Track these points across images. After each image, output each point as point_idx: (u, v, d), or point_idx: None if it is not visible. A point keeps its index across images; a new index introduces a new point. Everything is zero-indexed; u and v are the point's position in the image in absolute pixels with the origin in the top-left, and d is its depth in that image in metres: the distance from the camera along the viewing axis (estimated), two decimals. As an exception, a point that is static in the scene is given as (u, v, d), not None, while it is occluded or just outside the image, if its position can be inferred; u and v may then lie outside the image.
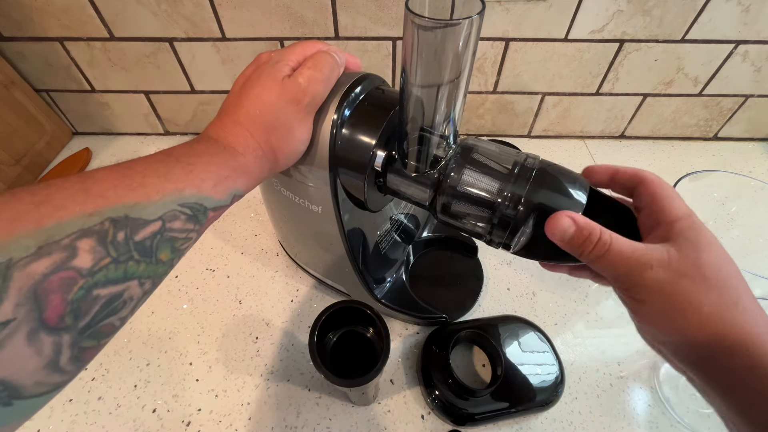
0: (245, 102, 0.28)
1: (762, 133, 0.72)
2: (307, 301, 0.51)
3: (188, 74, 0.63)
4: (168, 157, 0.24)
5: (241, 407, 0.42)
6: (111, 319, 0.20)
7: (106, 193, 0.20)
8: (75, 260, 0.18)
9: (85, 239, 0.18)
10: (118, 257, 0.19)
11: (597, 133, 0.72)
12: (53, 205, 0.18)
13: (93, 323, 0.19)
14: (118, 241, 0.20)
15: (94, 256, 0.19)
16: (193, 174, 0.24)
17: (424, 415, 0.42)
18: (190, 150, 0.25)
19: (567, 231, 0.25)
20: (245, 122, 0.28)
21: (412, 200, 0.33)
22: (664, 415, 0.42)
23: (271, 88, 0.28)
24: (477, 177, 0.28)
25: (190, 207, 0.23)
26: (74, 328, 0.18)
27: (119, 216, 0.20)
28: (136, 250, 0.20)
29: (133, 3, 0.55)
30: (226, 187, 0.26)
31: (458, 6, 0.24)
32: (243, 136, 0.27)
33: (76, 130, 0.73)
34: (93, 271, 0.19)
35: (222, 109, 0.30)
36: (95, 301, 0.19)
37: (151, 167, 0.23)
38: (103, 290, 0.19)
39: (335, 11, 0.55)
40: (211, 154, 0.26)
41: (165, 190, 0.22)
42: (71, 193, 0.19)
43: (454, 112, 0.28)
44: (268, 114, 0.28)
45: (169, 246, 0.22)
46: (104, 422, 0.41)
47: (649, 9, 0.55)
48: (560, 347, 0.46)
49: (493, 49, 0.59)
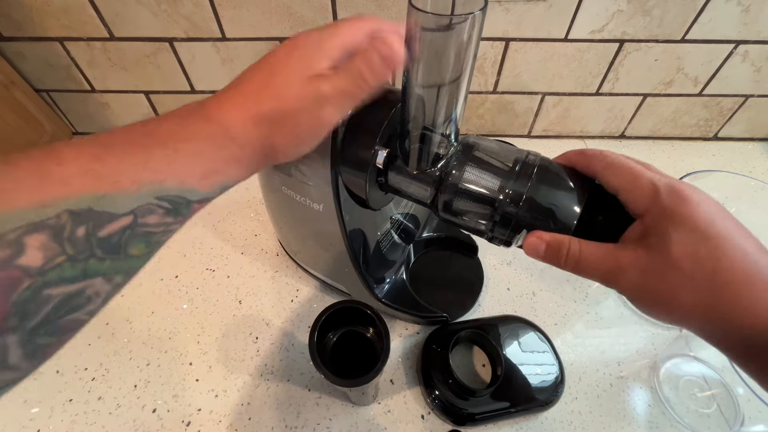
0: (263, 89, 0.25)
1: (762, 133, 0.72)
2: (307, 301, 0.51)
3: (188, 74, 0.63)
4: (150, 139, 0.20)
5: (241, 407, 0.42)
6: (74, 315, 0.18)
7: (69, 180, 0.17)
8: (21, 258, 0.16)
9: (35, 234, 0.16)
10: (75, 255, 0.17)
11: (597, 133, 0.72)
12: (1, 189, 0.16)
13: (47, 322, 0.17)
14: (77, 237, 0.17)
15: (45, 253, 0.16)
16: (178, 163, 0.20)
17: (424, 415, 0.42)
18: (180, 130, 0.22)
19: (539, 249, 0.26)
20: (255, 111, 0.24)
21: (414, 198, 0.33)
22: (664, 415, 0.42)
23: (295, 85, 0.24)
24: (478, 174, 0.28)
25: (169, 200, 0.20)
26: (21, 328, 0.16)
27: (81, 208, 0.17)
28: (99, 247, 0.18)
29: (133, 3, 0.54)
30: (215, 181, 0.23)
31: (458, 6, 0.24)
32: (246, 126, 0.24)
33: (76, 130, 0.73)
34: (43, 270, 0.16)
35: (237, 82, 0.25)
36: (47, 301, 0.17)
37: (129, 150, 0.19)
38: (56, 289, 0.17)
39: (335, 11, 0.55)
40: (203, 139, 0.22)
41: (141, 179, 0.19)
42: (26, 176, 0.17)
43: (456, 110, 0.28)
44: (282, 112, 0.24)
45: (142, 240, 0.20)
46: (104, 422, 0.41)
47: (649, 9, 0.55)
48: (560, 347, 0.46)
49: (493, 49, 0.59)
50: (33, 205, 0.16)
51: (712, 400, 0.42)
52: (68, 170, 0.18)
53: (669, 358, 0.45)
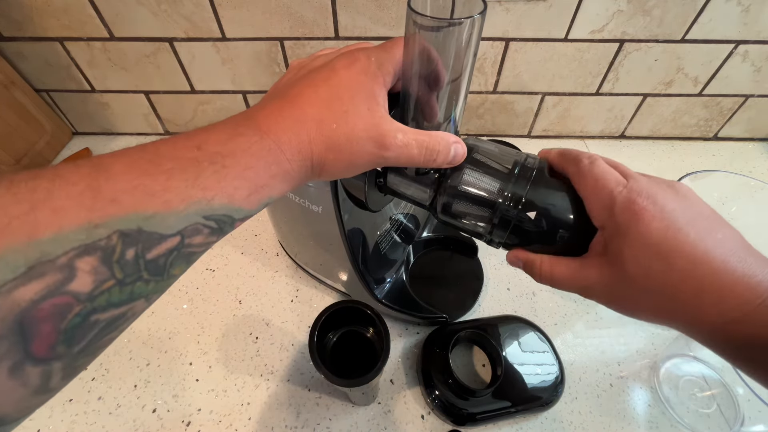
0: (327, 110, 0.23)
1: (762, 133, 0.72)
2: (307, 301, 0.51)
3: (188, 74, 0.63)
4: (200, 153, 0.19)
5: (241, 407, 0.42)
6: (112, 335, 0.18)
7: (120, 197, 0.16)
8: (72, 284, 0.15)
9: (86, 257, 0.15)
10: (124, 279, 0.16)
11: (597, 133, 0.72)
12: (53, 207, 0.15)
13: (90, 345, 0.16)
14: (126, 260, 0.16)
15: (95, 278, 0.15)
16: (227, 180, 0.19)
17: (424, 415, 0.42)
18: (229, 145, 0.20)
19: (518, 265, 0.29)
20: (311, 127, 0.23)
21: (413, 200, 0.33)
22: (664, 415, 0.42)
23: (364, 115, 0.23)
24: (477, 177, 0.28)
25: (216, 219, 0.19)
26: (68, 355, 0.16)
27: (131, 229, 0.16)
28: (146, 269, 0.17)
29: (133, 3, 0.54)
30: (262, 196, 0.21)
31: (459, 6, 0.24)
32: (299, 140, 0.22)
33: (76, 130, 0.73)
34: (93, 296, 0.15)
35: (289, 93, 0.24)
36: (93, 326, 0.16)
37: (179, 165, 0.18)
38: (103, 315, 0.16)
39: (335, 11, 0.55)
40: (253, 155, 0.21)
41: (191, 198, 0.18)
42: (77, 193, 0.16)
43: (455, 112, 0.28)
44: (343, 136, 0.23)
45: (185, 261, 0.19)
46: (104, 422, 0.41)
47: (649, 9, 0.55)
48: (560, 347, 0.46)
49: (493, 49, 0.59)
50: (86, 224, 0.15)
51: (712, 400, 0.42)
52: (118, 185, 0.16)
53: (669, 358, 0.45)
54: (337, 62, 0.24)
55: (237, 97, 0.67)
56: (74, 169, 0.16)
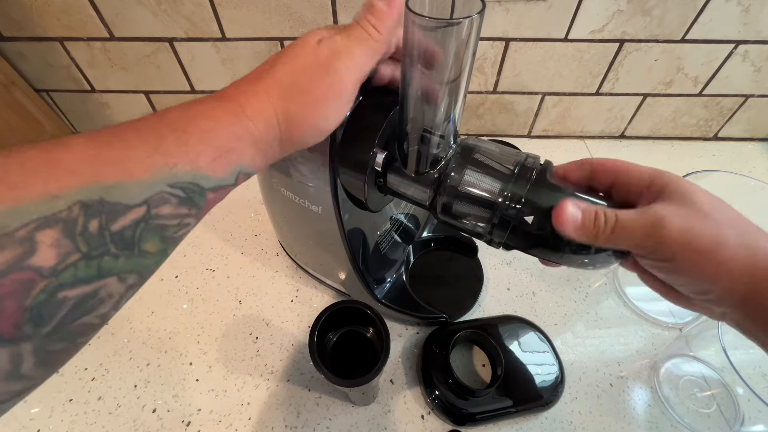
0: (277, 64, 0.24)
1: (762, 133, 0.72)
2: (307, 301, 0.51)
3: (188, 74, 0.63)
4: (160, 122, 0.19)
5: (241, 407, 0.42)
6: (87, 319, 0.17)
7: (79, 168, 0.16)
8: (33, 257, 0.14)
9: (48, 230, 0.15)
10: (89, 252, 0.16)
11: (597, 133, 0.72)
12: (8, 182, 0.14)
13: (61, 326, 0.16)
14: (90, 233, 0.16)
15: (58, 251, 0.15)
16: (189, 146, 0.19)
17: (424, 415, 0.42)
18: (188, 112, 0.20)
19: (576, 218, 0.24)
20: (266, 81, 0.23)
21: (413, 200, 0.33)
22: (664, 415, 0.42)
23: (309, 51, 0.24)
24: (478, 177, 0.28)
25: (182, 188, 0.19)
26: (36, 335, 0.15)
27: (92, 199, 0.16)
28: (113, 242, 0.16)
29: (133, 3, 0.54)
30: (229, 162, 0.21)
31: (458, 5, 0.24)
32: (258, 98, 0.23)
33: (76, 130, 0.73)
34: (57, 270, 0.15)
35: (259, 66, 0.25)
36: (62, 304, 0.15)
37: (140, 135, 0.18)
38: (71, 291, 0.16)
39: (335, 11, 0.55)
40: (213, 118, 0.21)
41: (153, 166, 0.18)
42: (34, 166, 0.15)
43: (455, 112, 0.28)
44: (293, 75, 0.23)
45: (157, 235, 0.18)
46: (104, 422, 0.41)
47: (649, 9, 0.55)
48: (560, 347, 0.46)
49: (493, 49, 0.59)
50: (44, 196, 0.15)
51: (712, 400, 0.42)
52: (77, 156, 0.16)
53: (669, 358, 0.45)
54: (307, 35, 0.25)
55: (237, 97, 0.67)
56: (31, 146, 0.16)
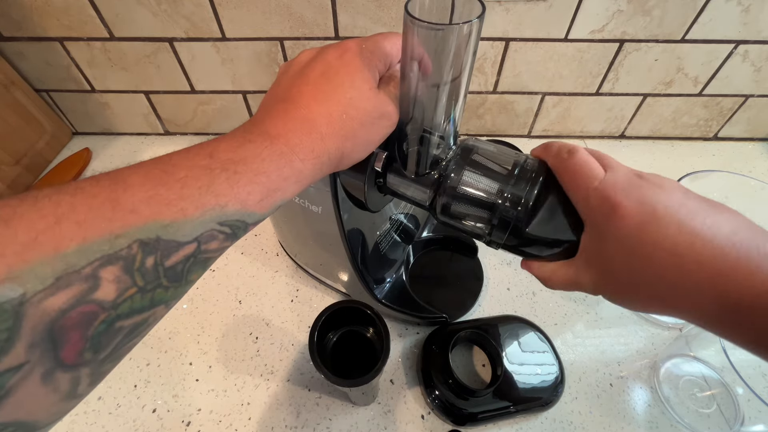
0: (327, 98, 0.23)
1: (762, 133, 0.72)
2: (307, 301, 0.51)
3: (188, 74, 0.63)
4: (212, 161, 0.20)
5: (241, 407, 0.42)
6: (135, 341, 0.19)
7: (138, 207, 0.17)
8: (97, 292, 0.16)
9: (110, 267, 0.16)
10: (145, 286, 0.17)
11: (597, 133, 0.72)
12: (76, 220, 0.16)
13: (115, 350, 0.17)
14: (146, 269, 0.17)
15: (118, 286, 0.16)
16: (239, 186, 0.20)
17: (424, 415, 0.42)
18: (240, 151, 0.21)
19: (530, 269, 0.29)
20: (320, 123, 0.23)
21: (412, 201, 0.33)
22: (664, 415, 0.42)
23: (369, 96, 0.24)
24: (477, 178, 0.28)
25: (230, 225, 0.20)
26: (94, 361, 0.16)
27: (150, 238, 0.17)
28: (165, 276, 0.18)
29: (133, 3, 0.54)
30: (275, 200, 0.22)
31: (458, 6, 0.24)
32: (311, 139, 0.22)
33: (76, 130, 0.73)
34: (116, 304, 0.16)
35: (283, 92, 0.24)
36: (118, 333, 0.17)
37: (193, 173, 0.19)
38: (126, 321, 0.17)
39: (335, 11, 0.55)
40: (264, 160, 0.21)
41: (205, 205, 0.19)
42: (98, 205, 0.16)
43: (454, 112, 0.28)
44: (356, 122, 0.23)
45: (202, 267, 0.20)
46: (104, 422, 0.41)
47: (649, 9, 0.55)
48: (560, 347, 0.46)
49: (493, 49, 0.59)
50: (107, 235, 0.16)
51: (712, 400, 0.42)
52: (136, 196, 0.17)
53: (669, 358, 0.45)
54: (328, 54, 0.25)
55: (237, 97, 0.67)
56: (94, 182, 0.17)
